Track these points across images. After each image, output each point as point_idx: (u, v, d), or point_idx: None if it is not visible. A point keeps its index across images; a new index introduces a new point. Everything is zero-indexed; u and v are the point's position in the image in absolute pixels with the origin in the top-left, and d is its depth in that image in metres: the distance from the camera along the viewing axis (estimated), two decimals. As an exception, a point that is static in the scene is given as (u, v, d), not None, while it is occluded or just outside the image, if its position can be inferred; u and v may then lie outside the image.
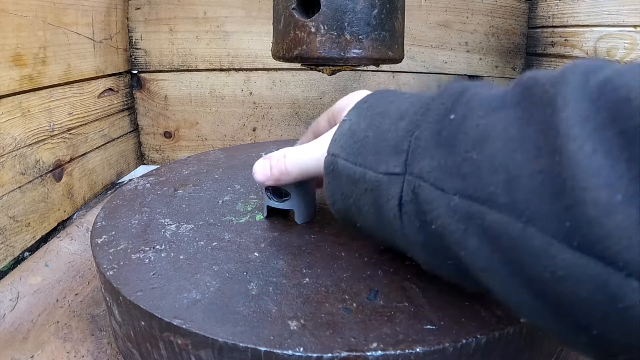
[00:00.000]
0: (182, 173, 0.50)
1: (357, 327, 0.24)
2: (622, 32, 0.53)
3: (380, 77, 0.79)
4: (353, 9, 0.33)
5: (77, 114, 0.61)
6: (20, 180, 0.49)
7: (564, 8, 0.65)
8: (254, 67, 0.78)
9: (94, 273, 0.46)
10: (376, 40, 0.34)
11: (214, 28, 0.76)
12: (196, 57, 0.78)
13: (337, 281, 0.29)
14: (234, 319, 0.25)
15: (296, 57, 0.35)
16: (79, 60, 0.61)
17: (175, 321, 0.25)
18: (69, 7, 0.58)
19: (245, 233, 0.35)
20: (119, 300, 0.28)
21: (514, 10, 0.75)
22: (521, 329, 0.25)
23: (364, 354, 0.22)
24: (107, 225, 0.37)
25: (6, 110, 0.47)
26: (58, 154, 0.57)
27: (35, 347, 0.35)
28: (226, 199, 0.42)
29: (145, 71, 0.78)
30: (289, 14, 0.34)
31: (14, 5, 0.48)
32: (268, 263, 0.31)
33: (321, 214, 0.39)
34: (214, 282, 0.29)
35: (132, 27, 0.76)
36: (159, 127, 0.81)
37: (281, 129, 0.82)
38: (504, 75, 0.78)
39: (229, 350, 0.23)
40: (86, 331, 0.37)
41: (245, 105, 0.80)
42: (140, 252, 0.33)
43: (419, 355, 0.23)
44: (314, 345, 0.23)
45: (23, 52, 0.50)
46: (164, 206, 0.41)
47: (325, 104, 0.80)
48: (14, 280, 0.43)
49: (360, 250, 0.33)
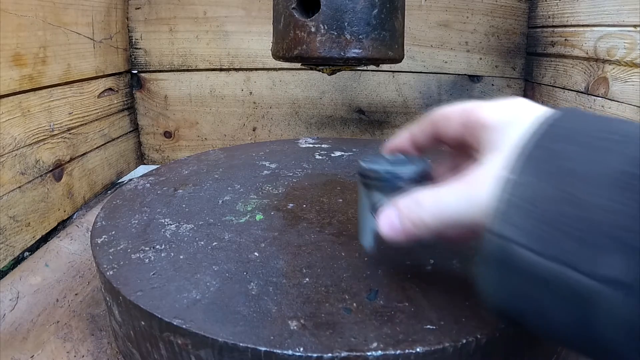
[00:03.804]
0: (182, 173, 0.50)
1: (357, 327, 0.24)
2: (622, 32, 0.53)
3: (380, 77, 0.79)
4: (353, 8, 0.33)
5: (77, 114, 0.61)
6: (20, 180, 0.49)
7: (564, 8, 0.65)
8: (254, 67, 0.78)
9: (94, 273, 0.46)
10: (376, 40, 0.34)
11: (214, 28, 0.76)
12: (196, 57, 0.78)
13: (337, 281, 0.29)
14: (234, 319, 0.25)
15: (296, 57, 0.35)
16: (79, 60, 0.61)
17: (175, 321, 0.25)
18: (69, 7, 0.58)
19: (245, 233, 0.35)
20: (119, 300, 0.28)
21: (514, 10, 0.75)
22: (521, 329, 0.25)
23: (364, 354, 0.22)
24: (107, 225, 0.37)
25: (6, 110, 0.47)
26: (58, 154, 0.57)
27: (35, 347, 0.35)
28: (226, 198, 0.42)
29: (145, 71, 0.78)
30: (289, 13, 0.34)
31: (14, 5, 0.48)
32: (268, 263, 0.31)
33: (321, 214, 0.39)
34: (214, 282, 0.29)
35: (132, 27, 0.76)
36: (159, 127, 0.81)
37: (281, 128, 0.82)
38: (504, 75, 0.78)
39: (229, 350, 0.23)
40: (86, 331, 0.37)
41: (245, 105, 0.80)
42: (140, 252, 0.33)
43: (419, 355, 0.23)
44: (314, 345, 0.23)
45: (23, 52, 0.50)
46: (164, 206, 0.41)
47: (325, 104, 0.80)
48: (14, 280, 0.43)
49: (360, 250, 0.33)
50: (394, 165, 0.26)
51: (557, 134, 0.19)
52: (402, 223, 0.23)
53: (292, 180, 0.47)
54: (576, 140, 0.18)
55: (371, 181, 0.27)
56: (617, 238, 0.16)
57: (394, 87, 0.79)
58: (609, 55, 0.56)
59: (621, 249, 0.16)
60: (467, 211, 0.21)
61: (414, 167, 0.26)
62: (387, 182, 0.26)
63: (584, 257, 0.17)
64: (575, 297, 0.17)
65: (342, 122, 0.81)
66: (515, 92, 0.79)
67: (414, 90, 0.79)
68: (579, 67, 0.62)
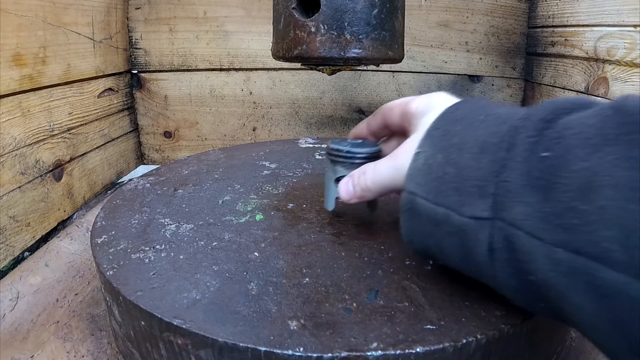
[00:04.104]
0: (182, 173, 0.50)
1: (357, 327, 0.24)
2: (622, 32, 0.53)
3: (380, 77, 0.79)
4: (353, 8, 0.33)
5: (77, 114, 0.61)
6: (20, 180, 0.49)
7: (564, 8, 0.65)
8: (254, 67, 0.78)
9: (94, 273, 0.46)
10: (376, 40, 0.34)
11: (214, 28, 0.76)
12: (196, 56, 0.78)
13: (337, 281, 0.29)
14: (234, 319, 0.25)
15: (296, 57, 0.35)
16: (79, 60, 0.61)
17: (175, 321, 0.25)
18: (69, 7, 0.58)
19: (245, 233, 0.35)
20: (119, 300, 0.28)
21: (514, 10, 0.75)
22: (521, 329, 0.25)
23: (364, 354, 0.22)
24: (107, 225, 0.37)
25: (6, 110, 0.47)
26: (58, 154, 0.57)
27: (35, 347, 0.35)
28: (226, 198, 0.42)
29: (145, 71, 0.78)
30: (289, 13, 0.34)
31: (14, 5, 0.48)
32: (268, 263, 0.31)
33: (321, 214, 0.39)
34: (214, 282, 0.29)
35: (132, 27, 0.76)
36: (159, 127, 0.81)
37: (281, 128, 0.82)
38: (504, 75, 0.78)
39: (229, 350, 0.23)
40: (86, 331, 0.37)
41: (245, 105, 0.80)
42: (140, 252, 0.33)
43: (419, 355, 0.23)
44: (314, 345, 0.23)
45: (23, 52, 0.50)
46: (164, 206, 0.41)
47: (325, 104, 0.80)
48: (14, 280, 0.43)
49: (360, 250, 0.33)
50: (353, 146, 0.34)
51: (449, 118, 0.26)
52: (354, 188, 0.32)
53: (292, 180, 0.47)
54: (460, 122, 0.25)
55: (336, 158, 0.34)
56: (479, 187, 0.22)
57: (394, 87, 0.79)
58: (609, 55, 0.56)
59: (481, 195, 0.22)
60: (394, 177, 0.29)
61: (368, 148, 0.34)
62: (348, 159, 0.34)
63: (460, 202, 0.23)
64: (458, 232, 0.23)
65: (342, 122, 0.81)
66: (515, 92, 0.79)
67: (414, 90, 0.79)
68: (579, 67, 0.62)
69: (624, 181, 0.17)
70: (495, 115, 0.24)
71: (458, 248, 0.24)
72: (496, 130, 0.23)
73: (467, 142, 0.24)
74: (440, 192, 0.24)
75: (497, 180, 0.21)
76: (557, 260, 0.19)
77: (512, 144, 0.21)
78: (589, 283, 0.18)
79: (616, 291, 0.17)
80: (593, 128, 0.19)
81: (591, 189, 0.18)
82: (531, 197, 0.20)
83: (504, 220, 0.21)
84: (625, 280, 0.16)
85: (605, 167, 0.18)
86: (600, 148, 0.18)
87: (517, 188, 0.20)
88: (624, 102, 0.19)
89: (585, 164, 0.18)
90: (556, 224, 0.19)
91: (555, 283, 0.19)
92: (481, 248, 0.22)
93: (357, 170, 0.32)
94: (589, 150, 0.18)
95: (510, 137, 0.22)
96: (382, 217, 0.38)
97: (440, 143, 0.25)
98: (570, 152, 0.19)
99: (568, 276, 0.18)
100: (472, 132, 0.24)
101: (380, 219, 0.38)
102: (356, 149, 0.34)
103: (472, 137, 0.24)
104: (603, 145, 0.18)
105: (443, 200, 0.24)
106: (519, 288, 0.22)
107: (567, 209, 0.18)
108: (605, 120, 0.19)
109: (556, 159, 0.19)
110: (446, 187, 0.24)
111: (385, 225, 0.37)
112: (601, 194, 0.17)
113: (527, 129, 0.21)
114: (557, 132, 0.20)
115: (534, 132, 0.21)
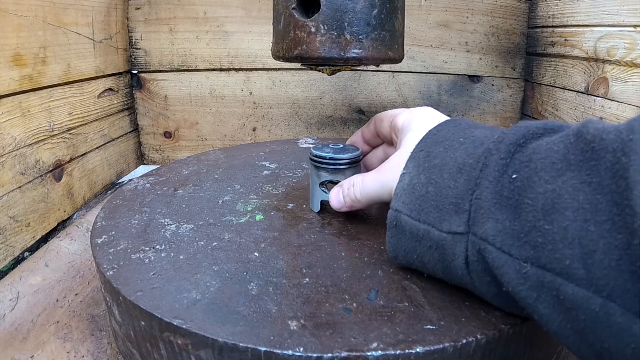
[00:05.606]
0: (182, 173, 0.50)
1: (357, 327, 0.24)
2: (622, 32, 0.53)
3: (380, 77, 0.79)
4: (353, 8, 0.33)
5: (77, 114, 0.61)
6: (20, 180, 0.49)
7: (564, 8, 0.65)
8: (254, 67, 0.78)
9: (94, 273, 0.46)
10: (376, 40, 0.34)
11: (214, 28, 0.76)
12: (196, 57, 0.78)
13: (337, 281, 0.29)
14: (234, 319, 0.25)
15: (296, 57, 0.35)
16: (79, 60, 0.61)
17: (175, 321, 0.25)
18: (69, 7, 0.58)
19: (245, 233, 0.35)
20: (119, 300, 0.28)
21: (514, 10, 0.75)
22: (521, 329, 0.25)
23: (364, 354, 0.22)
24: (107, 225, 0.37)
25: (6, 110, 0.47)
26: (58, 154, 0.57)
27: (35, 347, 0.35)
28: (226, 199, 0.42)
29: (145, 71, 0.78)
30: (288, 13, 0.34)
31: (14, 5, 0.48)
32: (268, 263, 0.31)
33: (322, 214, 0.39)
34: (214, 282, 0.29)
35: (132, 27, 0.76)
36: (159, 127, 0.81)
37: (281, 128, 0.82)
38: (504, 75, 0.78)
39: (229, 350, 0.23)
40: (86, 331, 0.37)
41: (245, 105, 0.80)
42: (140, 252, 0.33)
43: (419, 355, 0.23)
44: (314, 345, 0.23)
45: (23, 52, 0.50)
46: (164, 206, 0.41)
47: (325, 104, 0.80)
48: (14, 280, 0.43)
49: (360, 250, 0.33)
50: (335, 152, 0.37)
51: (432, 140, 0.28)
52: (344, 199, 0.34)
53: (292, 180, 0.47)
54: (442, 144, 0.27)
55: (319, 164, 0.37)
56: (455, 204, 0.24)
57: (394, 87, 0.79)
58: (609, 55, 0.56)
59: (457, 211, 0.24)
60: (380, 192, 0.31)
61: (348, 154, 0.37)
62: (330, 165, 0.37)
63: (439, 219, 0.25)
64: (437, 247, 0.25)
65: (342, 122, 0.81)
66: (515, 92, 0.79)
67: (413, 90, 0.79)
68: (579, 67, 0.62)
69: (584, 204, 0.18)
70: (473, 138, 0.26)
71: (439, 261, 0.25)
72: (473, 152, 0.25)
73: (446, 163, 0.26)
74: (422, 209, 0.26)
75: (472, 198, 0.23)
76: (525, 274, 0.20)
77: (486, 164, 0.23)
78: (555, 297, 0.19)
79: (579, 304, 0.18)
80: (558, 154, 0.20)
81: (554, 210, 0.19)
82: (501, 214, 0.21)
83: (476, 235, 0.22)
84: (586, 294, 0.18)
85: (567, 190, 0.19)
86: (564, 172, 0.19)
87: (489, 205, 0.22)
88: (585, 129, 0.20)
89: (549, 187, 0.20)
90: (524, 240, 0.20)
91: (526, 296, 0.20)
92: (458, 261, 0.24)
93: (347, 182, 0.34)
94: (553, 174, 0.20)
95: (485, 158, 0.23)
96: (382, 218, 0.38)
97: (424, 164, 0.27)
98: (536, 174, 0.20)
99: (536, 289, 0.20)
100: (451, 153, 0.26)
101: (381, 220, 0.38)
102: (338, 156, 0.36)
103: (452, 159, 0.26)
104: (566, 170, 0.19)
105: (425, 217, 0.25)
106: (497, 295, 0.23)
107: (533, 228, 0.20)
108: (569, 146, 0.20)
109: (524, 181, 0.21)
110: (427, 204, 0.25)
111: (385, 225, 0.37)
112: (563, 215, 0.19)
113: (500, 152, 0.23)
114: (526, 155, 0.22)
115: (505, 154, 0.22)
